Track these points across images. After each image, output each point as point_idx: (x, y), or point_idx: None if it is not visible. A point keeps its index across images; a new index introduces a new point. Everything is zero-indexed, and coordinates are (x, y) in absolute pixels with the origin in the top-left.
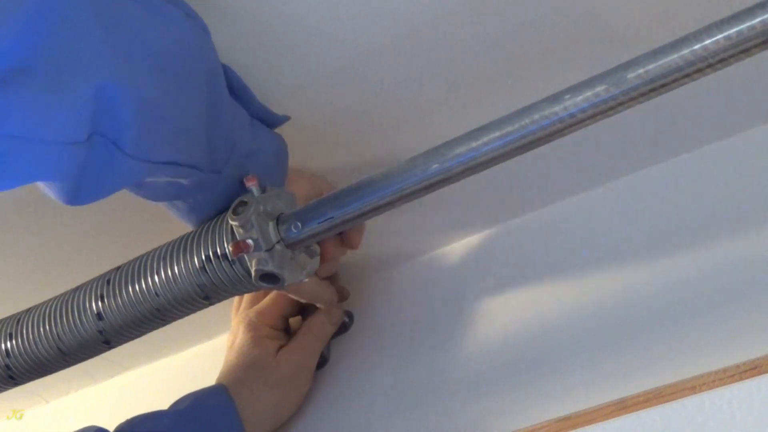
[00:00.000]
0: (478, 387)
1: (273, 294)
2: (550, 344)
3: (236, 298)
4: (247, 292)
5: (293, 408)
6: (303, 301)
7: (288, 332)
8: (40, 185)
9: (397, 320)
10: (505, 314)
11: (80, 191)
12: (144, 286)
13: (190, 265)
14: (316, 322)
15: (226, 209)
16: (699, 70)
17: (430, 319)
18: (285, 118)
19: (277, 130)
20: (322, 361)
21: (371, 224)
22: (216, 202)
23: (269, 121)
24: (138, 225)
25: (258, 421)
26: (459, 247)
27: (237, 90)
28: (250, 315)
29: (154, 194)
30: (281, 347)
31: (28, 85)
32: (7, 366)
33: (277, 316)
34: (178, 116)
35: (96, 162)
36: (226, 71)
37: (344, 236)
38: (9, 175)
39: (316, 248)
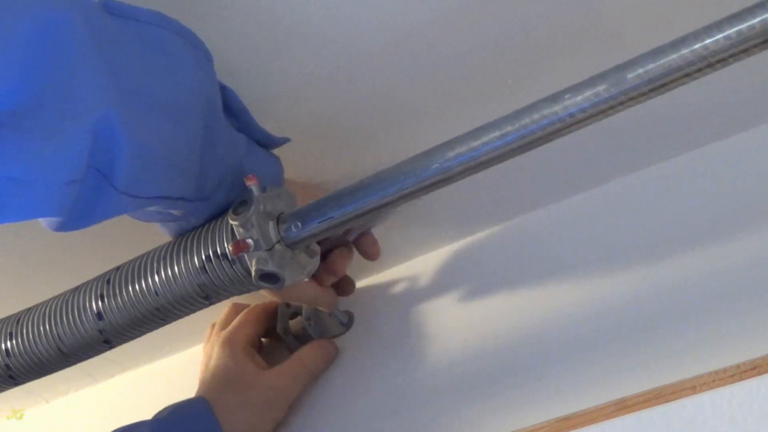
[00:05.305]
0: (478, 387)
1: (242, 316)
2: (550, 344)
3: (208, 330)
4: (247, 292)
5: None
6: (302, 305)
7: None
8: None
9: (398, 320)
10: (505, 314)
11: (68, 222)
12: (144, 285)
13: (190, 265)
14: (308, 353)
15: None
16: (699, 70)
17: (431, 318)
18: (284, 140)
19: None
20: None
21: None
22: (205, 221)
23: (268, 143)
24: (138, 225)
25: None
26: (459, 246)
27: (235, 112)
28: (223, 337)
29: (143, 217)
30: (263, 366)
31: (26, 129)
32: (7, 366)
33: (249, 336)
34: (172, 155)
35: (86, 194)
36: (226, 93)
37: (362, 250)
38: (4, 215)
39: (317, 248)
